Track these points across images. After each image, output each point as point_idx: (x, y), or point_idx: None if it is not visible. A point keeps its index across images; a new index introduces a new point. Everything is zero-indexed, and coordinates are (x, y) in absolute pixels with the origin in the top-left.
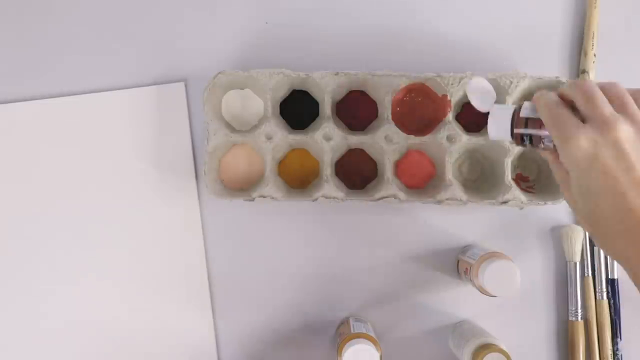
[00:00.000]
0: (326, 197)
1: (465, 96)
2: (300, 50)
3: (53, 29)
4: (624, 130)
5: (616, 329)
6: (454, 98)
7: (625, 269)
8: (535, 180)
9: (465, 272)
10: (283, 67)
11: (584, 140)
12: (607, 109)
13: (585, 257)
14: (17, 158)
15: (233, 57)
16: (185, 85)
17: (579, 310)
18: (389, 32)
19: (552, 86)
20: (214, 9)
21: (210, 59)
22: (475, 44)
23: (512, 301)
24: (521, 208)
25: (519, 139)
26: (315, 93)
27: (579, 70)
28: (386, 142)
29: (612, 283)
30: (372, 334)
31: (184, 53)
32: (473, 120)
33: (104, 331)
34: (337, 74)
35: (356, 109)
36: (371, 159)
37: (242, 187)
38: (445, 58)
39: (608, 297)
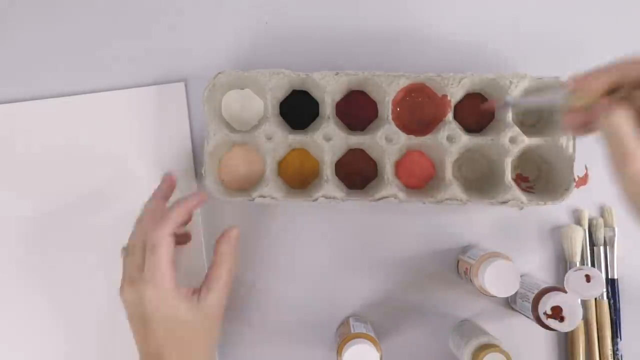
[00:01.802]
0: (326, 197)
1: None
2: (300, 50)
3: (53, 29)
4: None
5: (616, 329)
6: (454, 98)
7: None
8: (535, 180)
9: (465, 272)
10: (283, 67)
11: None
12: None
13: (585, 257)
14: (17, 158)
15: (233, 57)
16: (185, 85)
17: None
18: (389, 32)
19: (551, 86)
20: (214, 9)
21: (210, 58)
22: (475, 44)
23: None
24: (521, 208)
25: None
26: (315, 93)
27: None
28: (386, 142)
29: (612, 283)
30: (372, 334)
31: (184, 53)
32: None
33: (103, 331)
34: (337, 74)
35: (356, 109)
36: (371, 159)
37: (242, 187)
38: (445, 58)
39: (608, 297)
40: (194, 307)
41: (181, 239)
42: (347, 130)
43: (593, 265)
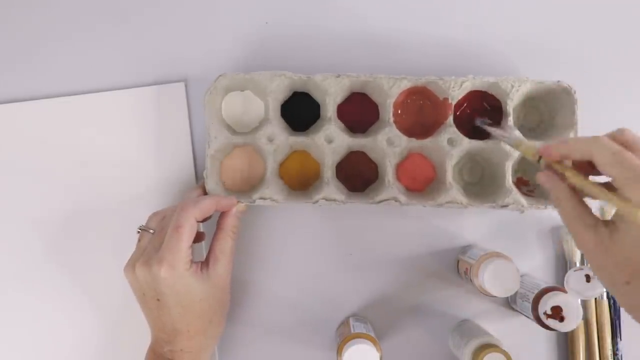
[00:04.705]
0: (327, 200)
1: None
2: (301, 52)
3: (53, 29)
4: None
5: (616, 329)
6: (455, 101)
7: None
8: (535, 184)
9: (465, 272)
10: (283, 68)
11: None
12: None
13: (585, 257)
14: (17, 158)
15: (233, 57)
16: (185, 86)
17: None
18: (391, 35)
19: (552, 90)
20: (214, 9)
21: (210, 59)
22: (476, 47)
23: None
24: (522, 212)
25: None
26: (316, 95)
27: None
28: (387, 144)
29: None
30: (372, 334)
31: (184, 53)
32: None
33: (103, 331)
34: (338, 76)
35: (357, 111)
36: (372, 161)
37: (244, 188)
38: (446, 61)
39: (608, 297)
40: (204, 281)
41: (197, 236)
42: (348, 133)
43: None
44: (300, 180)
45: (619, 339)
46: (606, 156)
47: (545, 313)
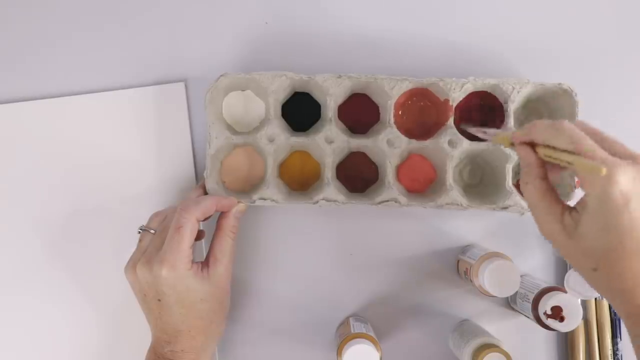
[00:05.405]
0: (327, 201)
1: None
2: (301, 52)
3: (53, 29)
4: None
5: (616, 329)
6: (456, 103)
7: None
8: None
9: (466, 272)
10: (284, 68)
11: (623, 176)
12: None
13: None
14: (17, 158)
15: (233, 57)
16: (185, 86)
17: None
18: (392, 36)
19: (553, 92)
20: (214, 9)
21: (210, 58)
22: (477, 49)
23: None
24: (522, 214)
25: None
26: (317, 95)
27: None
28: (388, 145)
29: None
30: (372, 334)
31: (184, 53)
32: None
33: (103, 331)
34: (339, 76)
35: (358, 112)
36: (372, 162)
37: (244, 188)
38: (447, 63)
39: None
40: (205, 282)
41: (197, 234)
42: (348, 133)
43: None
44: (301, 180)
45: (619, 339)
46: (564, 140)
47: (545, 313)
